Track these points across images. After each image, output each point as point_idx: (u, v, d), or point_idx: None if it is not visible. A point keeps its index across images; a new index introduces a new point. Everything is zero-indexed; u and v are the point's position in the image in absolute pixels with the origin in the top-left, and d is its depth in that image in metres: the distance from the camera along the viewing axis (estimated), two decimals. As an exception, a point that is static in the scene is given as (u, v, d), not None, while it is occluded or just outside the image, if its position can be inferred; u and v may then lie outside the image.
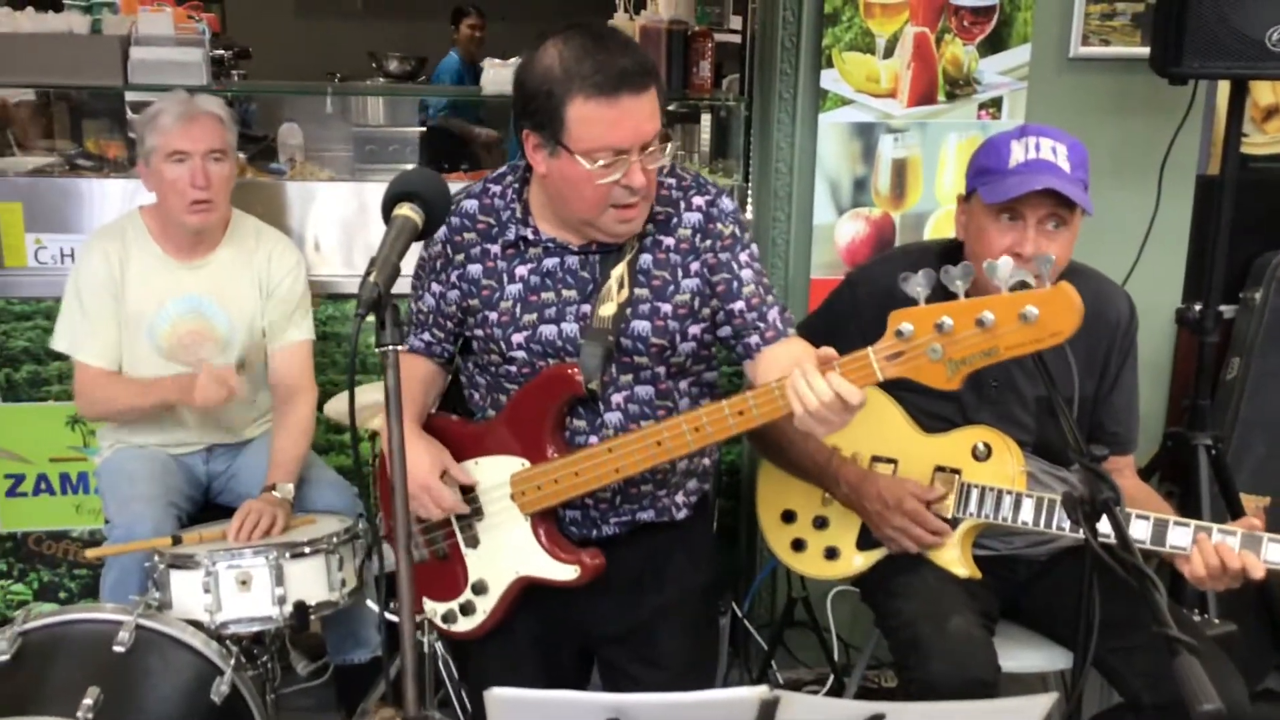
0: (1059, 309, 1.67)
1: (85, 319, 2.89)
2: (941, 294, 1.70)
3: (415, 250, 1.81)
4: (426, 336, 2.20)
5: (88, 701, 2.07)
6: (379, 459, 2.40)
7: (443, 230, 2.08)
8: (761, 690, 1.32)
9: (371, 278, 1.56)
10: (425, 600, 2.25)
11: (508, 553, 2.14)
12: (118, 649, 2.21)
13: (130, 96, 3.86)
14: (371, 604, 2.89)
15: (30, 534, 3.46)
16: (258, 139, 4.44)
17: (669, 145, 1.95)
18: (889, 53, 3.13)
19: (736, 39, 3.77)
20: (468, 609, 2.21)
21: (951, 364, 1.73)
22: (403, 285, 2.75)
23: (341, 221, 3.48)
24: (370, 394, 3.03)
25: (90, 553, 2.75)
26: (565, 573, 2.10)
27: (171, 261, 2.93)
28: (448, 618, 2.23)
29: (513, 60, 3.62)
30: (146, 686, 2.24)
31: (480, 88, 3.65)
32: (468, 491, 2.15)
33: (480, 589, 2.18)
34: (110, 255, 2.90)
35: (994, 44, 3.15)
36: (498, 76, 3.57)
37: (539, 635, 2.22)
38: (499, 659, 2.24)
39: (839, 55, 3.12)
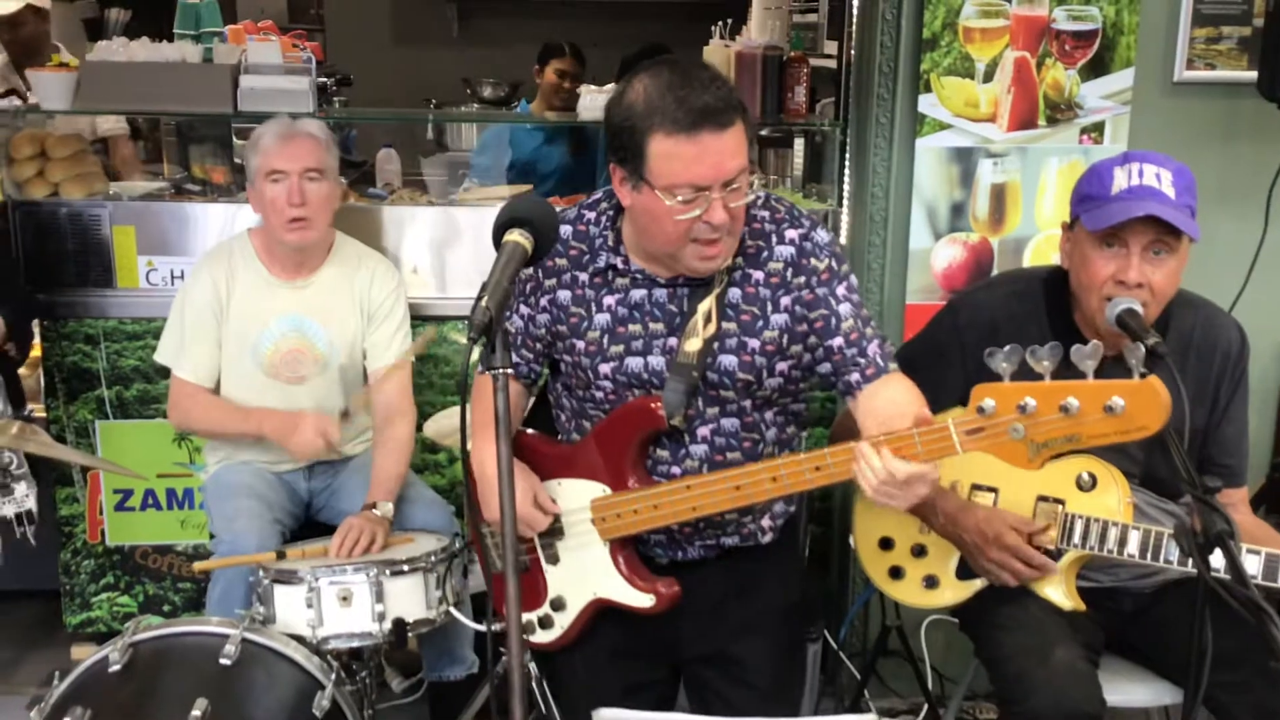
0: (1146, 403, 1.65)
1: (185, 336, 2.98)
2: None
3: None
4: (513, 357, 2.22)
5: (196, 713, 2.11)
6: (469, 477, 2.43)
7: None
8: (870, 718, 1.31)
9: (484, 302, 1.59)
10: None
11: (586, 574, 2.16)
12: (224, 661, 2.25)
13: (236, 123, 3.98)
14: (465, 620, 2.90)
15: (137, 547, 3.56)
16: (358, 164, 4.53)
17: (753, 181, 1.96)
18: (988, 77, 3.11)
19: (830, 64, 3.76)
20: (546, 622, 2.24)
21: (1033, 446, 1.73)
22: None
23: (438, 245, 3.54)
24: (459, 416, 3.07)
25: (198, 566, 2.82)
26: (641, 600, 2.12)
27: (275, 281, 3.01)
28: (527, 628, 2.27)
29: (609, 86, 3.66)
30: (251, 699, 2.28)
31: (576, 114, 3.69)
32: None
33: (558, 605, 2.22)
34: (217, 276, 2.98)
35: (1096, 68, 3.11)
36: (593, 103, 3.61)
37: (623, 650, 2.23)
38: (584, 671, 2.27)
39: (937, 80, 3.11)
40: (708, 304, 2.02)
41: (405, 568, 2.61)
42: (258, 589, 2.60)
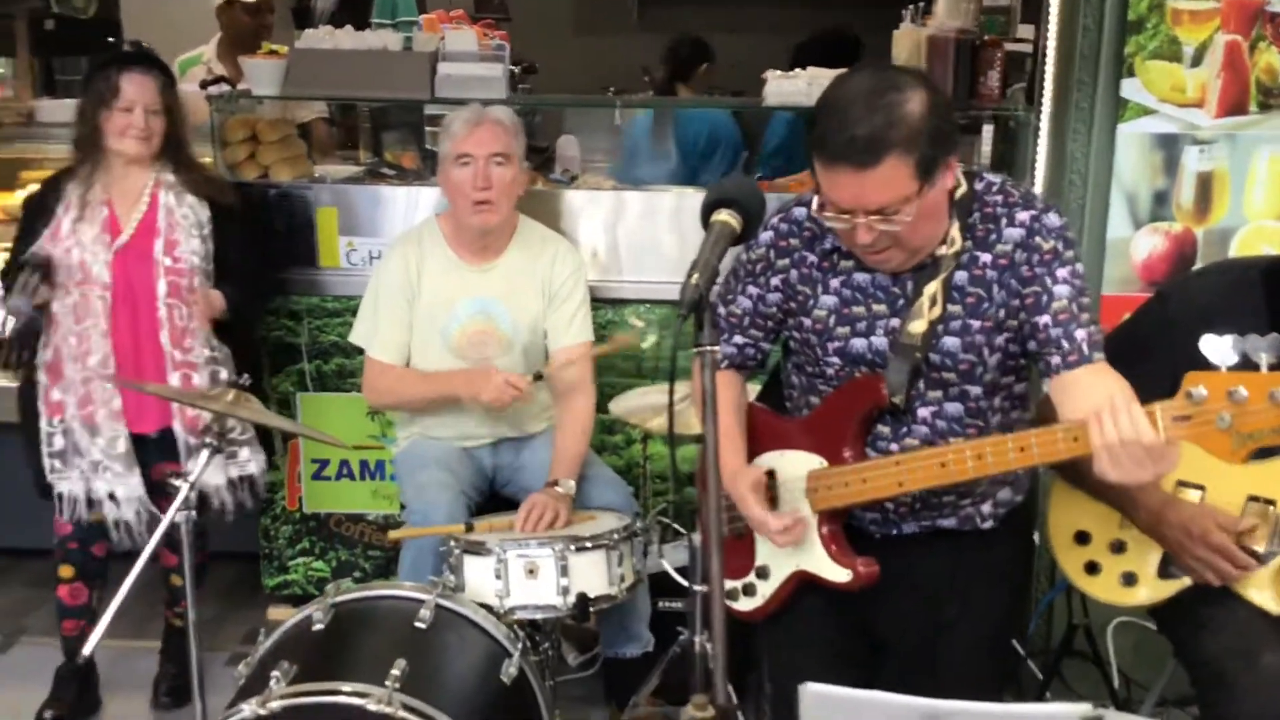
0: None
1: (378, 317, 3.10)
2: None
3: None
4: (739, 339, 2.24)
5: (395, 672, 2.18)
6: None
7: (768, 234, 2.15)
8: (1085, 708, 1.29)
9: (693, 279, 1.61)
10: None
11: (792, 545, 2.17)
12: (419, 625, 2.34)
13: (428, 110, 4.10)
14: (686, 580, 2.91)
15: (331, 515, 3.72)
16: (541, 150, 4.63)
17: (911, 206, 1.89)
18: (1197, 61, 2.99)
19: (1022, 48, 3.66)
20: (749, 590, 2.26)
21: (1239, 436, 1.69)
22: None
23: (616, 229, 3.59)
24: (654, 395, 3.12)
25: (392, 535, 2.93)
26: (839, 575, 2.12)
27: (463, 265, 3.10)
28: (731, 595, 2.29)
29: (796, 71, 3.64)
30: (445, 662, 2.36)
31: (762, 98, 3.69)
32: (769, 477, 2.19)
33: (763, 573, 2.24)
34: (409, 259, 3.09)
35: (1314, 52, 2.96)
36: (779, 88, 3.60)
37: (829, 626, 2.23)
38: (787, 645, 2.28)
39: (1142, 64, 3.00)
40: (934, 287, 2.02)
41: (589, 544, 2.66)
42: (449, 559, 2.69)
